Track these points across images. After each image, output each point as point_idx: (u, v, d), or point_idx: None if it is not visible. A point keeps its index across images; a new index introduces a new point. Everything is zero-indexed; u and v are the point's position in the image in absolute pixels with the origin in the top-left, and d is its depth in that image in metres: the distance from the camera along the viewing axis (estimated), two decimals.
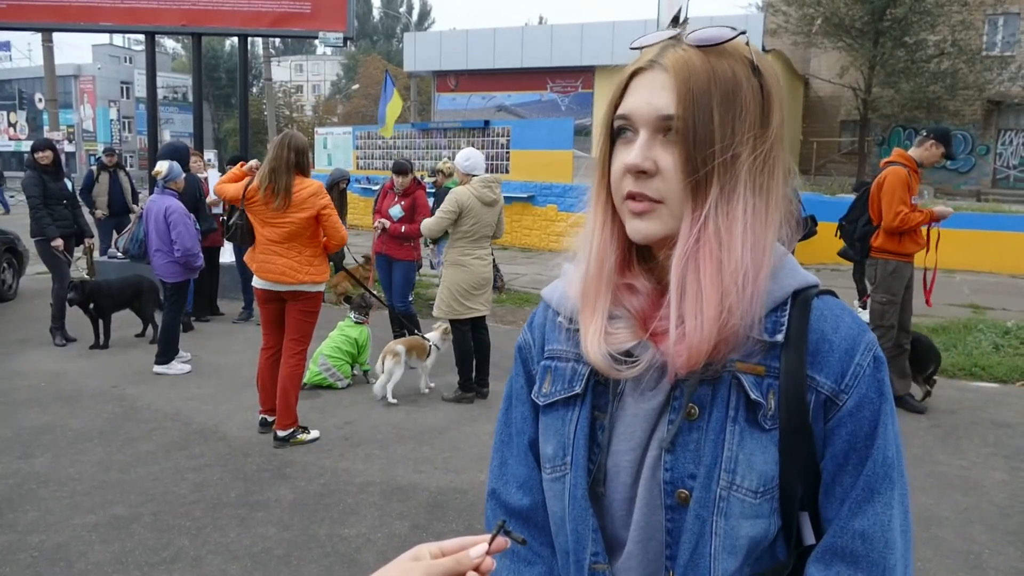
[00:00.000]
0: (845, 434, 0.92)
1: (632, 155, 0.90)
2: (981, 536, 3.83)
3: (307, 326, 4.91)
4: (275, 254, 4.73)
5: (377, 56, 52.20)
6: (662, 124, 0.90)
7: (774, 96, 0.93)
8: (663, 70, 0.91)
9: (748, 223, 0.90)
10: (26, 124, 48.22)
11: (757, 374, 0.91)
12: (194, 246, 6.43)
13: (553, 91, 24.48)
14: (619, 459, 0.97)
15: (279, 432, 4.87)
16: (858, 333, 0.94)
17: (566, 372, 1.03)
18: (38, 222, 7.22)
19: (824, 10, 21.02)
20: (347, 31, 10.51)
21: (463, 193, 5.66)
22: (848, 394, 0.91)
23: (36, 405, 5.53)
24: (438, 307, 5.82)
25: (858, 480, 0.91)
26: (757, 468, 0.90)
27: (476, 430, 5.22)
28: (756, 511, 0.91)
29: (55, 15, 10.16)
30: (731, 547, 0.91)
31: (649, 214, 0.92)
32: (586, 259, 0.99)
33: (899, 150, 5.72)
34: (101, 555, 3.48)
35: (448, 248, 5.79)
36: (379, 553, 3.55)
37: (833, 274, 11.69)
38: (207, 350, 7.14)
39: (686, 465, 0.92)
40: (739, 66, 0.91)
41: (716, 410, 0.92)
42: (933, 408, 5.84)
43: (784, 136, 0.94)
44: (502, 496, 1.11)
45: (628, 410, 0.97)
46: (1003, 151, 24.04)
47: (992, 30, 23.56)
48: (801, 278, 0.97)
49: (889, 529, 0.90)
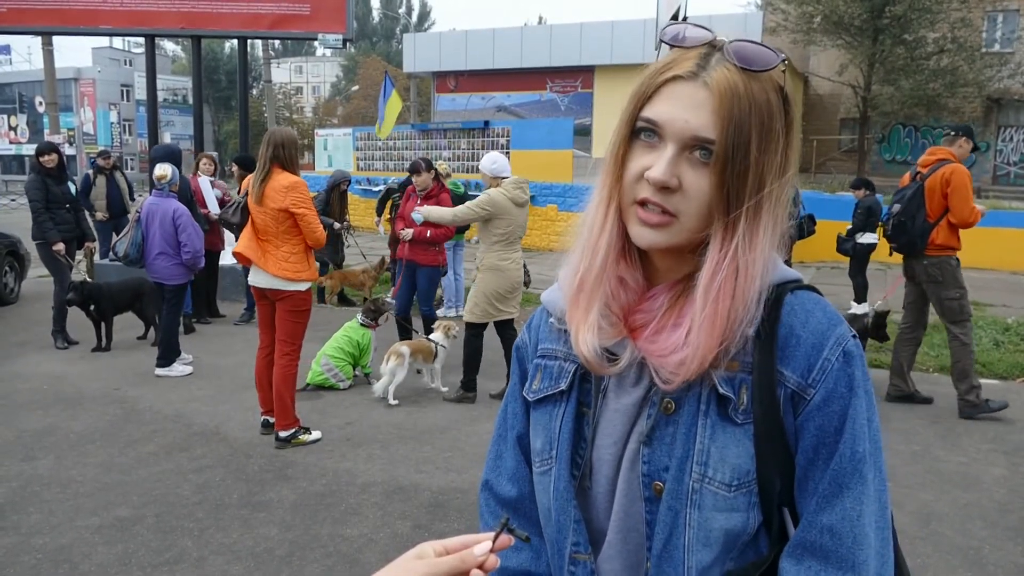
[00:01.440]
0: (813, 428, 0.92)
1: (658, 170, 0.89)
2: (981, 532, 3.84)
3: (295, 327, 4.88)
4: (254, 243, 4.80)
5: (377, 57, 52.26)
6: (694, 142, 0.89)
7: (795, 126, 0.94)
8: (705, 87, 0.89)
9: (766, 251, 0.92)
10: (27, 127, 48.30)
11: (731, 370, 0.93)
12: (202, 247, 6.49)
13: (553, 91, 24.51)
14: (602, 452, 0.99)
15: (280, 433, 4.88)
16: (827, 328, 0.93)
17: (554, 369, 1.06)
18: (40, 226, 7.24)
19: (823, 8, 21.00)
20: (346, 32, 10.54)
21: (498, 195, 5.59)
22: (816, 388, 0.91)
23: (38, 408, 5.55)
24: (471, 311, 5.75)
25: (826, 474, 0.91)
26: (730, 461, 0.91)
27: (477, 430, 5.23)
28: (730, 504, 0.91)
29: (55, 18, 10.19)
30: (705, 539, 0.92)
31: (660, 227, 0.92)
32: (583, 252, 1.00)
33: (946, 148, 5.68)
34: (104, 556, 3.49)
35: (484, 253, 5.70)
36: (381, 553, 3.56)
37: (833, 272, 11.70)
38: (208, 352, 7.15)
39: (662, 458, 0.94)
40: (772, 93, 0.91)
41: (688, 404, 0.93)
42: (933, 404, 5.84)
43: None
44: (494, 487, 1.15)
45: (611, 405, 0.99)
46: (1003, 148, 24.03)
47: (991, 27, 23.55)
48: (780, 274, 0.97)
49: (859, 524, 0.89)
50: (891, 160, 25.05)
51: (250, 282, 4.97)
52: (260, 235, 4.80)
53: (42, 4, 9.99)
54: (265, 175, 4.69)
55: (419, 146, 18.31)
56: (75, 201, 7.66)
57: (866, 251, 9.23)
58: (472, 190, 12.15)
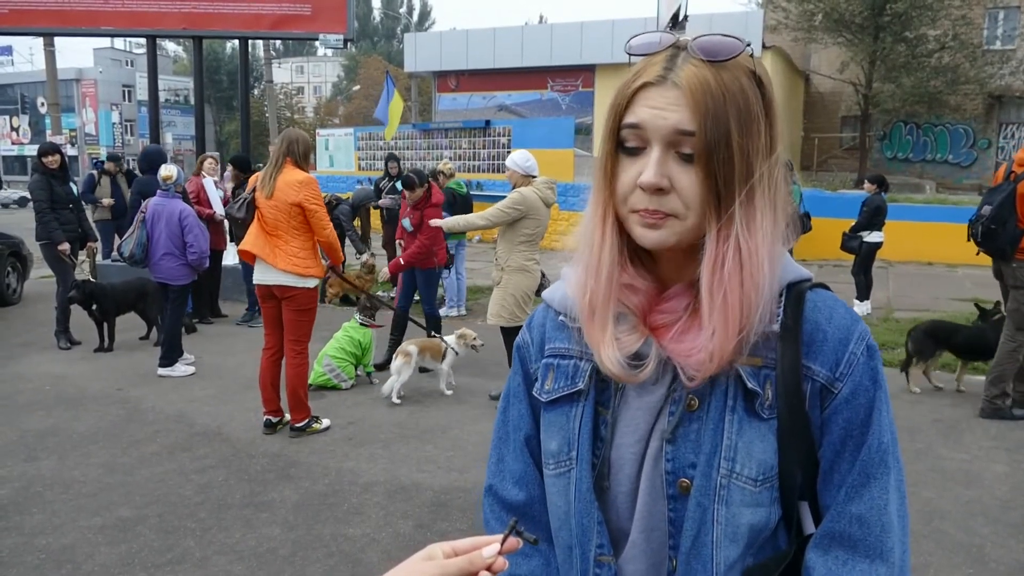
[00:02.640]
0: (841, 421, 0.94)
1: (647, 173, 0.90)
2: (983, 529, 3.84)
3: (303, 326, 4.96)
4: (263, 238, 4.82)
5: (378, 57, 52.25)
6: (677, 140, 0.89)
7: (775, 106, 0.94)
8: (675, 87, 0.90)
9: (768, 236, 0.92)
10: (28, 128, 48.38)
11: (754, 365, 0.93)
12: (207, 248, 6.52)
13: (553, 90, 24.49)
14: (623, 452, 0.98)
15: (295, 425, 5.04)
16: (851, 323, 0.96)
17: (568, 369, 1.04)
18: (45, 226, 7.25)
19: (824, 5, 20.99)
20: (347, 33, 10.56)
21: (530, 194, 5.49)
22: (843, 382, 0.93)
23: (41, 408, 5.56)
24: (498, 314, 5.60)
25: (854, 466, 0.93)
26: (756, 456, 0.92)
27: (479, 429, 5.24)
28: (756, 499, 0.92)
29: (57, 20, 10.21)
30: (732, 535, 0.92)
31: (662, 226, 0.92)
32: (590, 270, 1.00)
33: None
34: (107, 557, 3.50)
35: (509, 253, 5.58)
36: (384, 552, 3.56)
37: (836, 270, 11.70)
38: (210, 352, 7.16)
39: (687, 455, 0.94)
40: (744, 78, 0.92)
41: (715, 400, 0.94)
42: (935, 402, 5.84)
43: (783, 137, 0.96)
44: (499, 492, 1.13)
45: (631, 403, 0.99)
46: (1004, 145, 23.98)
47: (992, 24, 23.53)
48: (793, 271, 0.98)
49: (885, 513, 0.92)
50: (892, 158, 25.03)
51: (256, 281, 4.95)
52: (269, 230, 4.82)
53: (44, 5, 10.02)
54: (277, 170, 4.76)
55: (420, 146, 18.32)
56: (77, 201, 7.67)
57: (872, 250, 9.20)
58: (473, 190, 12.17)
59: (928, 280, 11.98)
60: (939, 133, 24.48)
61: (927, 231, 13.55)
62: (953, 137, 24.30)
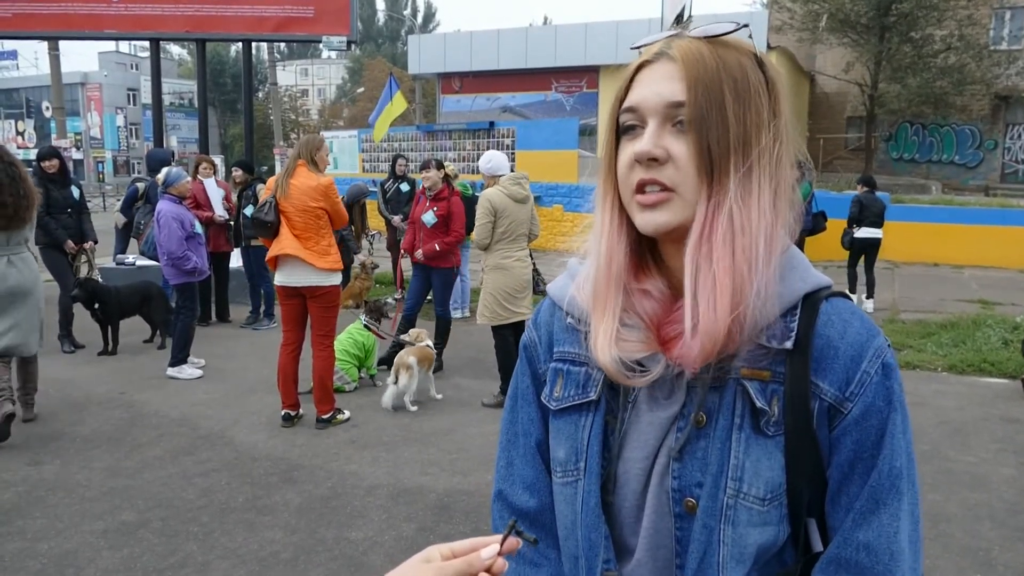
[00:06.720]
0: (850, 443, 0.90)
1: (642, 143, 0.89)
2: (990, 533, 3.81)
3: (330, 320, 5.22)
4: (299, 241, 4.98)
5: (382, 59, 52.35)
6: (671, 112, 0.88)
7: (780, 89, 0.92)
8: (670, 60, 0.90)
9: (764, 210, 0.88)
10: (34, 132, 48.52)
11: (761, 379, 0.90)
12: (177, 250, 6.31)
13: (558, 91, 24.50)
14: (630, 466, 0.96)
15: (321, 416, 5.25)
16: (867, 339, 0.91)
17: (579, 377, 1.01)
18: (44, 228, 7.23)
19: (829, 6, 20.94)
20: (350, 35, 10.56)
21: (494, 194, 5.57)
22: (853, 402, 0.89)
23: (44, 412, 5.55)
24: (481, 313, 5.70)
25: (863, 490, 0.89)
26: (764, 475, 0.89)
27: (482, 431, 5.22)
28: (764, 519, 0.90)
29: (61, 23, 10.24)
30: (739, 555, 0.90)
31: (661, 205, 0.89)
32: (595, 259, 0.97)
33: None
34: (110, 561, 3.49)
35: (488, 254, 5.66)
36: (386, 555, 3.55)
37: (839, 271, 11.64)
38: (213, 355, 7.15)
39: (693, 473, 0.92)
40: (745, 58, 0.90)
41: (722, 418, 0.91)
42: (941, 405, 5.81)
43: (791, 129, 0.94)
44: (509, 497, 1.10)
45: (643, 418, 0.96)
46: (1011, 145, 23.90)
47: (999, 24, 23.42)
48: (812, 280, 0.94)
49: (895, 541, 0.88)
50: (898, 158, 24.95)
51: (283, 283, 5.08)
52: (299, 233, 5.01)
53: (48, 9, 10.04)
54: (291, 172, 5.00)
55: (424, 147, 18.32)
56: (77, 205, 7.62)
57: (860, 245, 9.38)
58: (478, 191, 12.14)
59: (934, 281, 11.92)
60: (945, 134, 24.38)
61: (933, 232, 13.49)
62: (959, 138, 24.21)
